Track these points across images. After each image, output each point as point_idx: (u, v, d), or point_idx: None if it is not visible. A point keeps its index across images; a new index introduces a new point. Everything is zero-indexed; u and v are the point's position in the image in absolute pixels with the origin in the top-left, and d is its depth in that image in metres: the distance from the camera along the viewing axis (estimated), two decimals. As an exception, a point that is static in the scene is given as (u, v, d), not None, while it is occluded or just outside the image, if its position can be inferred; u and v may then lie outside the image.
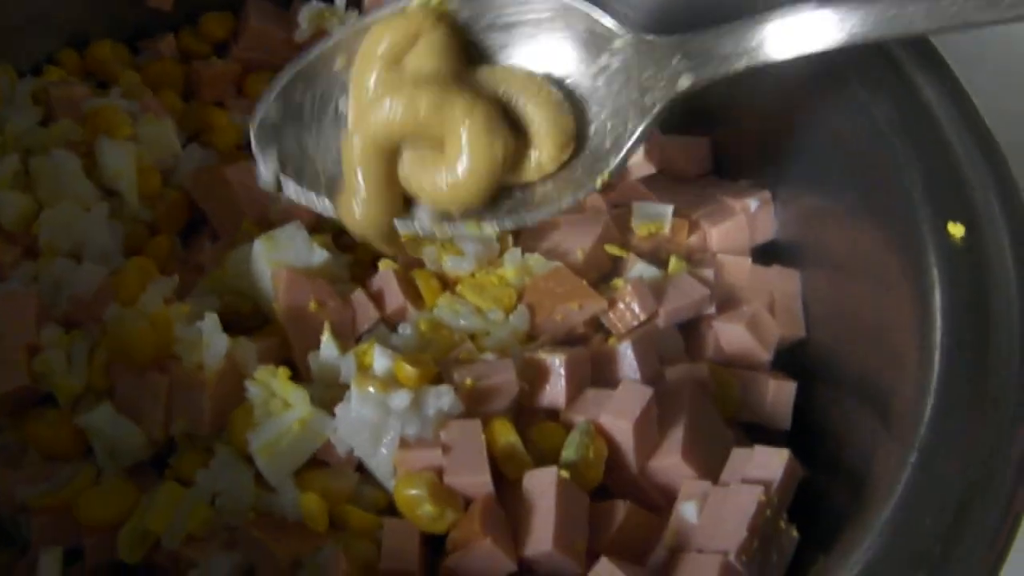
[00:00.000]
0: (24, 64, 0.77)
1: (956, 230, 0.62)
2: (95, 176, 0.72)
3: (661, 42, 0.62)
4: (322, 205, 0.65)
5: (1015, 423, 0.55)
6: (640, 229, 0.74)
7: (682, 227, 0.75)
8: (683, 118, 0.80)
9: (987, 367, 0.57)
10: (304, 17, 0.81)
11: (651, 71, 0.61)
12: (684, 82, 0.61)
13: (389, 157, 0.62)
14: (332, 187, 0.65)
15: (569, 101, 0.63)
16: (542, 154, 0.62)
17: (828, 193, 0.73)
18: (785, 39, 0.59)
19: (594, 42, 0.63)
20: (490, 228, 0.64)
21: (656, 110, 0.61)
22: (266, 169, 0.64)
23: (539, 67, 0.64)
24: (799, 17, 0.58)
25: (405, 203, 0.64)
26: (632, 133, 0.62)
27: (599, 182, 0.63)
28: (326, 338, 0.64)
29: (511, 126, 0.61)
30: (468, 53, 0.64)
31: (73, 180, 0.70)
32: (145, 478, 0.63)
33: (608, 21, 0.63)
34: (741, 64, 0.60)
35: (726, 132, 0.80)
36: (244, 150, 0.75)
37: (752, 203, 0.76)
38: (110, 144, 0.72)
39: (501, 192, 0.63)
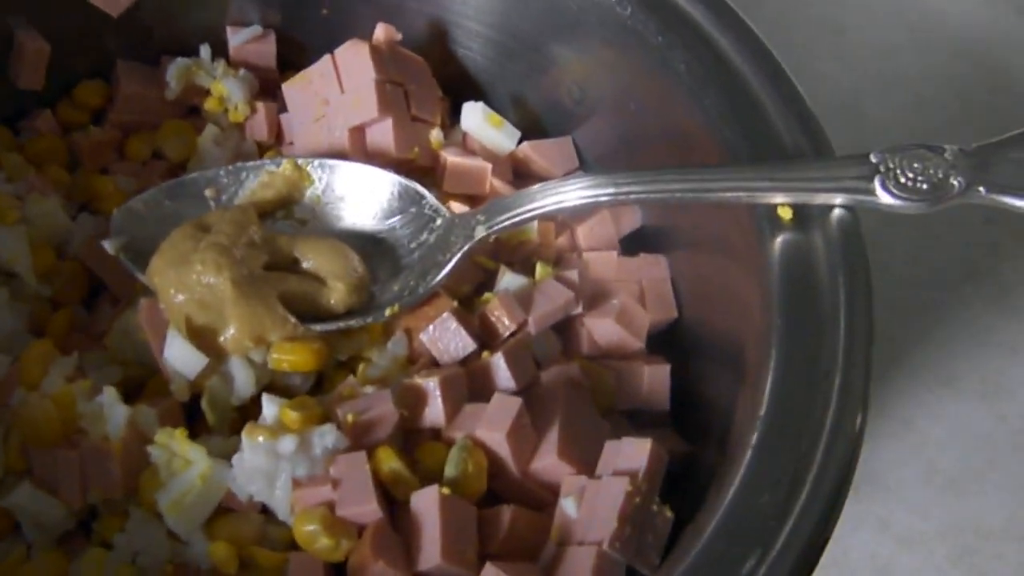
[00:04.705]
0: (-93, 161, 0.80)
1: (785, 212, 0.67)
2: (-9, 263, 0.76)
3: (470, 212, 0.75)
4: (147, 281, 0.73)
5: (841, 397, 0.60)
6: (509, 239, 0.78)
7: (550, 230, 0.80)
8: (545, 121, 0.86)
9: (816, 342, 0.62)
10: (172, 75, 0.84)
11: (457, 231, 0.74)
12: (480, 231, 0.73)
13: None
14: None
15: (381, 250, 0.76)
16: (337, 294, 0.72)
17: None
18: (553, 199, 0.71)
19: (420, 220, 0.76)
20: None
21: (458, 254, 0.73)
22: (110, 244, 0.74)
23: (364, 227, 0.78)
24: (567, 184, 0.71)
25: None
26: (442, 266, 0.73)
27: (392, 310, 0.73)
28: (173, 334, 0.69)
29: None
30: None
31: (-30, 272, 0.75)
32: (75, 544, 0.68)
33: (434, 202, 0.76)
34: (525, 216, 0.72)
35: (586, 128, 0.84)
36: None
37: (614, 197, 0.80)
38: (1, 230, 0.76)
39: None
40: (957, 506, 0.90)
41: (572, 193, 0.69)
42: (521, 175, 0.83)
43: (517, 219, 0.72)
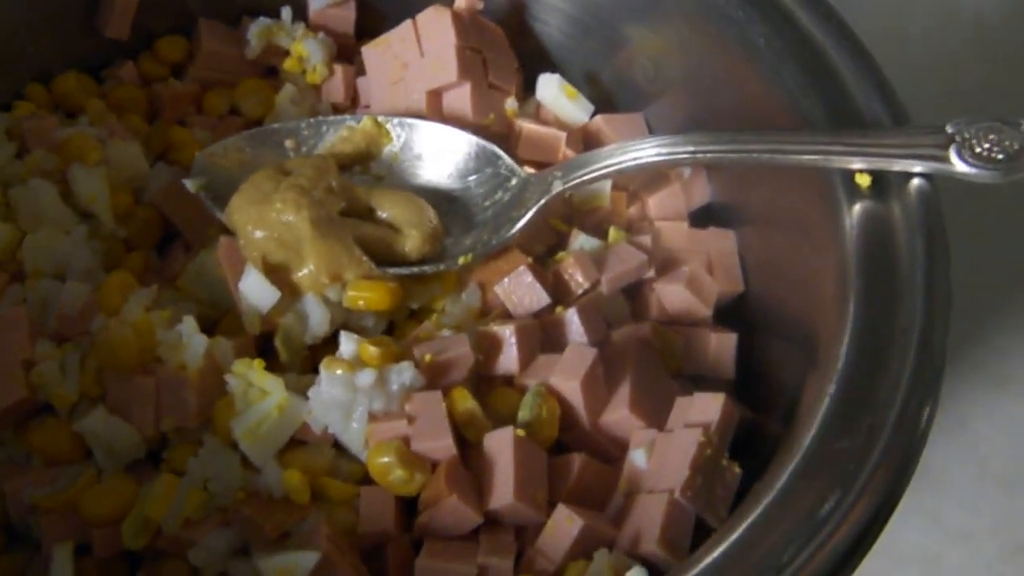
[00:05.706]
0: (-5, 102, 0.82)
1: (863, 180, 0.68)
2: (71, 201, 0.77)
3: (545, 170, 0.76)
4: (226, 220, 0.74)
5: (919, 353, 0.60)
6: (582, 204, 0.79)
7: (621, 199, 0.81)
8: (616, 98, 0.87)
9: (894, 303, 0.63)
10: (253, 34, 0.86)
11: (532, 188, 0.75)
12: (557, 186, 0.74)
13: None
14: None
15: (455, 207, 0.77)
16: (412, 241, 0.73)
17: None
18: (631, 155, 0.72)
19: (495, 179, 0.77)
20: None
21: (534, 208, 0.74)
22: (191, 183, 0.76)
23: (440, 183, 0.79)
24: (645, 142, 0.72)
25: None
26: (516, 221, 0.74)
27: (465, 259, 0.74)
28: (249, 268, 0.70)
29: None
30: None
31: (51, 206, 0.75)
32: (143, 473, 0.68)
33: (510, 162, 0.77)
34: (603, 172, 0.73)
35: (658, 106, 0.85)
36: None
37: (685, 170, 0.81)
38: (82, 170, 0.77)
39: None
40: (1009, 504, 0.89)
41: (650, 150, 0.70)
42: (592, 148, 0.84)
43: (595, 175, 0.73)
